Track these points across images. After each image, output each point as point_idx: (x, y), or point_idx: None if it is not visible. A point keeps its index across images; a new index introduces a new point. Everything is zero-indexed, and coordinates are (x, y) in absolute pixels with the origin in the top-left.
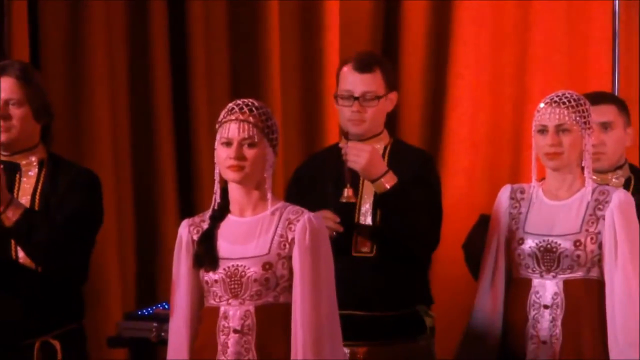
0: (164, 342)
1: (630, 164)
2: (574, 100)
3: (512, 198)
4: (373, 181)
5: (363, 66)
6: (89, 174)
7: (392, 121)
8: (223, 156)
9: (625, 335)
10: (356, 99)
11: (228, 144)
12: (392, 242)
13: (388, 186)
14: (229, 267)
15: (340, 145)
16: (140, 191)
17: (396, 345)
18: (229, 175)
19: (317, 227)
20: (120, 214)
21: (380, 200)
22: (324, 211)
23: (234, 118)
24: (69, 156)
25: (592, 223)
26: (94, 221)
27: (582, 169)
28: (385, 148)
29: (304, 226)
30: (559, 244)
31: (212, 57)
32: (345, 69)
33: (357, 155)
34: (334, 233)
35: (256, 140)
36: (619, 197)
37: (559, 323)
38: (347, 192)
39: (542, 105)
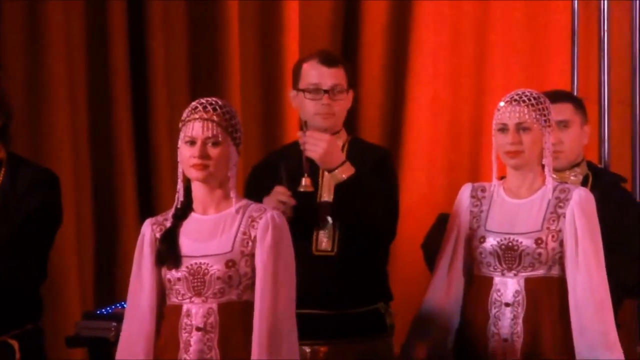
0: None
1: (588, 162)
2: (534, 98)
3: (473, 196)
4: (330, 171)
5: (330, 60)
6: (48, 173)
7: (351, 120)
8: (187, 155)
9: (589, 333)
10: (326, 92)
11: (192, 142)
12: (351, 239)
13: (345, 176)
14: (191, 265)
15: (299, 134)
16: (99, 190)
17: (357, 343)
18: (193, 174)
19: (279, 224)
20: (79, 214)
21: (336, 190)
22: (277, 187)
23: (197, 117)
24: (28, 155)
25: (553, 221)
26: (53, 221)
27: (543, 167)
28: (343, 145)
29: (267, 224)
30: (521, 242)
31: (171, 56)
32: (306, 65)
33: (315, 145)
34: (290, 215)
35: (220, 139)
36: (580, 195)
37: (520, 321)
38: (305, 181)
39: (502, 103)
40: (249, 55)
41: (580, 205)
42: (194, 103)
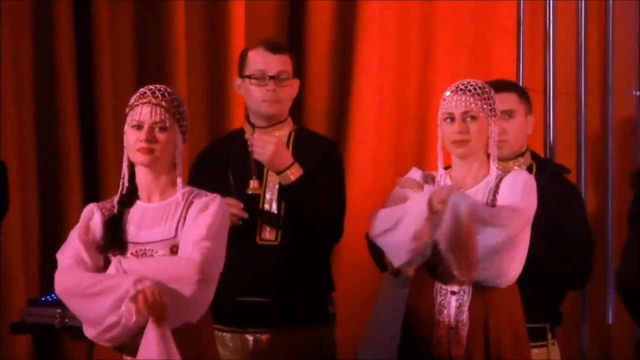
0: (67, 328)
1: (532, 152)
2: (480, 88)
3: (424, 182)
4: (278, 173)
5: (276, 47)
6: None
7: (297, 110)
8: (133, 139)
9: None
10: (272, 78)
11: (139, 127)
12: (295, 231)
13: (293, 178)
14: (137, 252)
15: (247, 136)
16: (44, 177)
17: (299, 332)
18: (139, 158)
19: (219, 207)
20: (24, 200)
21: (284, 192)
22: (228, 199)
23: (146, 101)
24: None
25: (495, 204)
26: None
27: (488, 156)
28: (289, 135)
29: (206, 203)
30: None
31: (118, 44)
32: (252, 52)
33: (263, 147)
34: (240, 222)
35: (167, 124)
36: (516, 172)
37: (465, 309)
38: (253, 183)
39: (448, 93)
40: (195, 44)
41: (514, 178)
42: (142, 89)
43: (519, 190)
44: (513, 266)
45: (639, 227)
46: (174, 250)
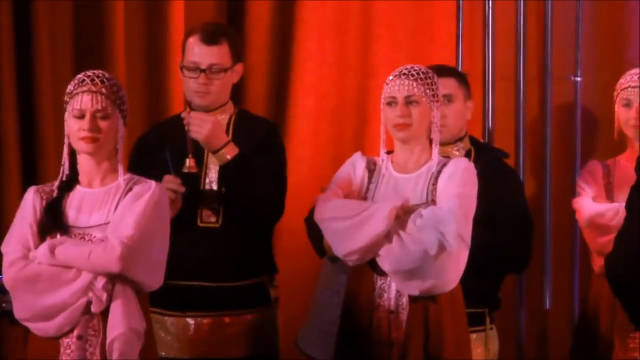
0: (4, 314)
1: (471, 137)
2: (423, 73)
3: (367, 167)
4: (214, 152)
5: (210, 38)
6: None
7: (238, 92)
8: (75, 128)
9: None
10: (202, 71)
11: (81, 115)
12: (236, 210)
13: (229, 157)
14: (75, 236)
15: (183, 115)
16: None
17: (241, 316)
18: (82, 146)
19: (152, 194)
20: None
21: (223, 171)
22: (166, 176)
23: (86, 89)
24: None
25: (435, 192)
26: None
27: (430, 141)
28: (230, 118)
29: (144, 189)
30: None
31: (56, 28)
32: (191, 39)
33: (200, 126)
34: (179, 197)
35: (109, 111)
36: (457, 161)
37: (405, 292)
38: (189, 162)
39: (391, 77)
40: (134, 27)
41: (456, 167)
42: (80, 76)
43: (458, 182)
44: (455, 273)
45: (632, 215)
46: (108, 230)
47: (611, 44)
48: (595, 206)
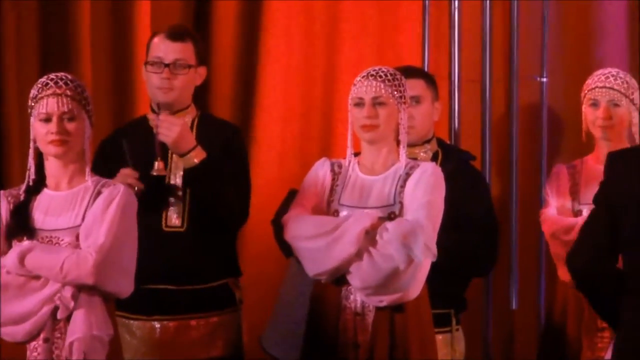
0: None
1: (438, 138)
2: (391, 74)
3: (332, 171)
4: (182, 155)
5: (175, 35)
6: None
7: (204, 93)
8: (43, 132)
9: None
10: (166, 66)
11: (47, 119)
12: (201, 216)
13: (197, 161)
14: (42, 239)
15: (152, 117)
16: None
17: (206, 318)
18: (51, 150)
19: (127, 200)
20: None
21: (188, 175)
22: (123, 169)
23: (50, 92)
24: None
25: (403, 195)
26: None
27: (398, 143)
28: (193, 121)
29: (112, 193)
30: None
31: (21, 30)
32: (156, 39)
33: (169, 129)
34: (136, 188)
35: (75, 113)
36: (424, 165)
37: (372, 304)
38: (158, 165)
39: (358, 78)
40: (100, 28)
41: (424, 172)
42: (42, 79)
43: (426, 189)
44: (420, 282)
45: (593, 211)
46: (79, 237)
47: (577, 45)
48: (559, 221)
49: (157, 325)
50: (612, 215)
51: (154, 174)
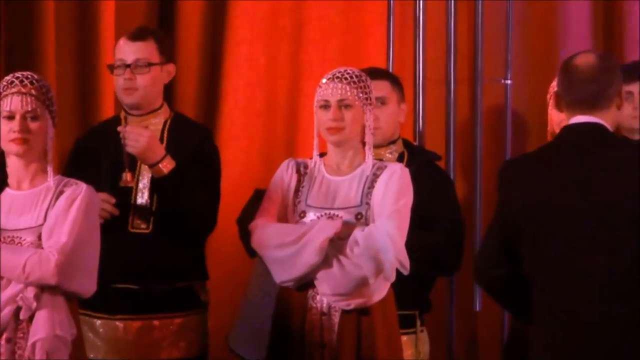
0: None
1: (404, 140)
2: (356, 76)
3: (297, 172)
4: (151, 166)
5: (136, 35)
6: None
7: (168, 93)
8: (6, 130)
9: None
10: (128, 66)
11: (10, 117)
12: (168, 222)
13: (166, 171)
14: (4, 238)
15: (119, 129)
16: None
17: (170, 319)
18: (13, 148)
19: (89, 199)
20: None
21: (157, 184)
22: (100, 194)
23: (15, 91)
24: None
25: (371, 196)
26: None
27: (364, 144)
28: (165, 123)
29: (74, 193)
30: (340, 217)
31: None
32: (121, 41)
33: (136, 140)
34: (110, 217)
35: (39, 112)
36: (393, 167)
37: (338, 307)
38: (126, 176)
39: (324, 80)
40: (64, 27)
41: (392, 174)
42: (8, 77)
43: (394, 195)
44: (386, 286)
45: (493, 219)
46: (41, 237)
47: (541, 47)
48: None
49: (121, 324)
50: (506, 223)
51: (122, 185)
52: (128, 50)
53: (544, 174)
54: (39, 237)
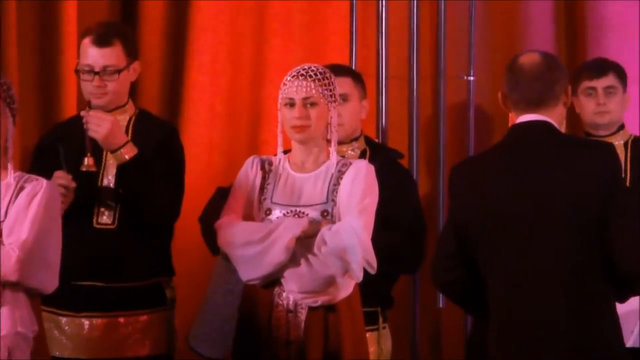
0: None
1: (366, 137)
2: (320, 73)
3: (262, 169)
4: (113, 151)
5: (102, 40)
6: None
7: (131, 91)
8: None
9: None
10: (96, 73)
11: None
12: (132, 211)
13: (127, 157)
14: None
15: (82, 114)
16: None
17: (135, 316)
18: None
19: (49, 195)
20: None
21: (119, 170)
22: (56, 172)
23: None
24: None
25: (337, 193)
26: None
27: (328, 141)
28: (130, 119)
29: (34, 189)
30: (307, 214)
31: None
32: (85, 41)
33: (99, 125)
34: (71, 200)
35: None
36: (358, 164)
37: (304, 304)
38: (88, 160)
39: (288, 77)
40: (26, 26)
41: (357, 170)
42: None
43: (361, 192)
44: (352, 283)
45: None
46: (2, 234)
47: (504, 44)
48: None
49: (86, 321)
50: (458, 226)
51: (84, 169)
52: (95, 56)
53: (490, 177)
54: (0, 234)
